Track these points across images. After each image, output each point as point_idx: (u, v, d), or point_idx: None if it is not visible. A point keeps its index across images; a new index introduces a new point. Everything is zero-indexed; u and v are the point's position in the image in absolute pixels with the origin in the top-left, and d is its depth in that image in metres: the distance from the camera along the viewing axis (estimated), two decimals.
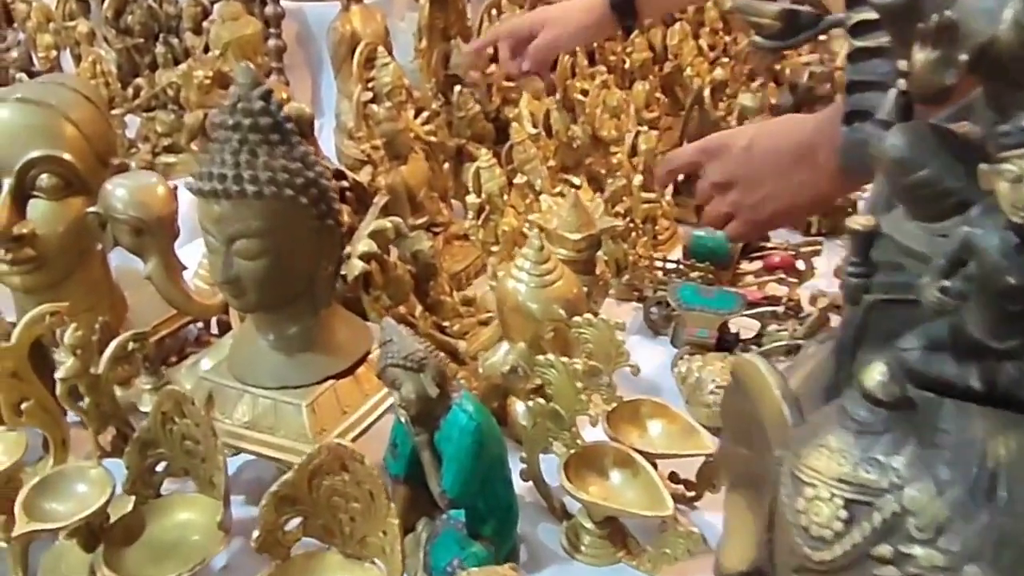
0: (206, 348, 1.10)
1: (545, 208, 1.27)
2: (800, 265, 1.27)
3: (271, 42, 1.75)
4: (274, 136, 0.84)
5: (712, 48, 2.05)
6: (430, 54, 1.91)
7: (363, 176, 1.47)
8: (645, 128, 1.61)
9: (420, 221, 1.37)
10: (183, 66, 1.34)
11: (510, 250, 1.32)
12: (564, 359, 0.88)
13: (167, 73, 1.83)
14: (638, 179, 1.44)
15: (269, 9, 1.74)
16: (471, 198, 1.29)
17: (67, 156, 1.02)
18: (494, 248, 1.31)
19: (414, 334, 0.80)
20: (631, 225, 1.42)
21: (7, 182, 1.01)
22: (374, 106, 1.51)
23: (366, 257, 1.06)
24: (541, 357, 0.90)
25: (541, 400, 0.89)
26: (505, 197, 1.31)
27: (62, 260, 1.06)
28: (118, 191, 0.99)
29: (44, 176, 1.02)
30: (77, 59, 2.27)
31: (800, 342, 1.07)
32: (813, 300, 1.13)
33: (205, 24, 1.90)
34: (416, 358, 0.76)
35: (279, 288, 0.88)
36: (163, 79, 1.82)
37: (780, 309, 1.17)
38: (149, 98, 1.84)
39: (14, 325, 0.93)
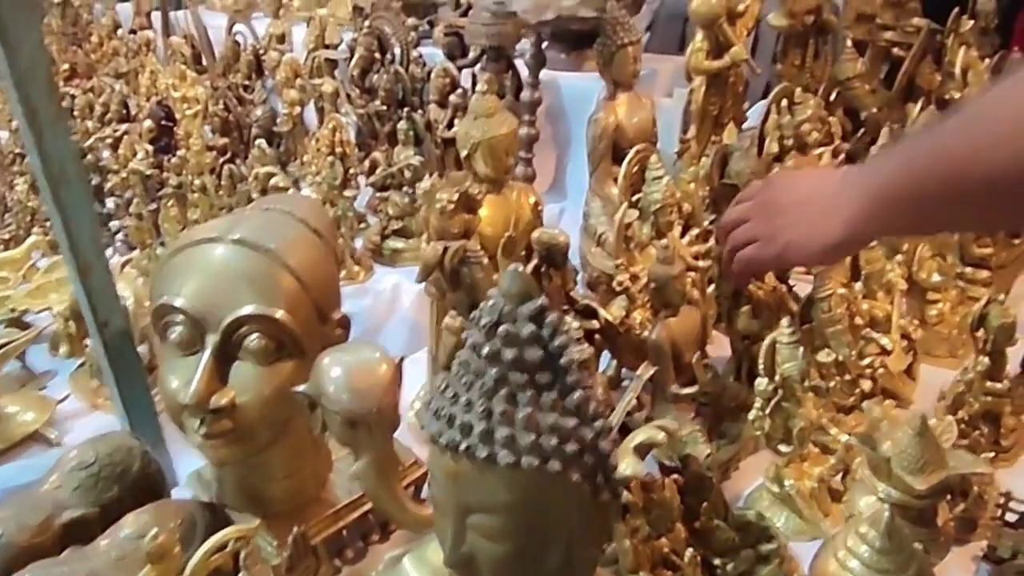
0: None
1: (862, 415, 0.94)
2: None
3: (523, 131, 1.54)
4: (543, 377, 0.59)
5: None
6: (700, 146, 1.64)
7: (616, 309, 1.22)
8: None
9: (687, 391, 1.08)
10: (427, 182, 1.14)
11: (802, 451, 1.01)
12: None
13: (406, 151, 1.67)
14: (984, 362, 1.08)
15: (526, 95, 1.53)
16: (761, 382, 0.99)
17: (281, 315, 0.83)
18: (782, 447, 1.00)
19: None
20: (963, 423, 1.06)
21: (211, 340, 0.83)
22: (642, 230, 1.25)
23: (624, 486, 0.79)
24: None
25: None
26: (806, 383, 1.00)
27: (264, 431, 0.87)
28: (333, 371, 0.78)
29: (253, 337, 0.83)
30: (320, 115, 2.21)
31: None
32: None
33: (452, 98, 1.74)
34: None
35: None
36: (401, 157, 1.67)
37: None
38: (385, 177, 1.68)
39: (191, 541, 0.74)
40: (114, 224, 1.93)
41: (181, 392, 0.83)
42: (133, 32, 2.97)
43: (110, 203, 2.02)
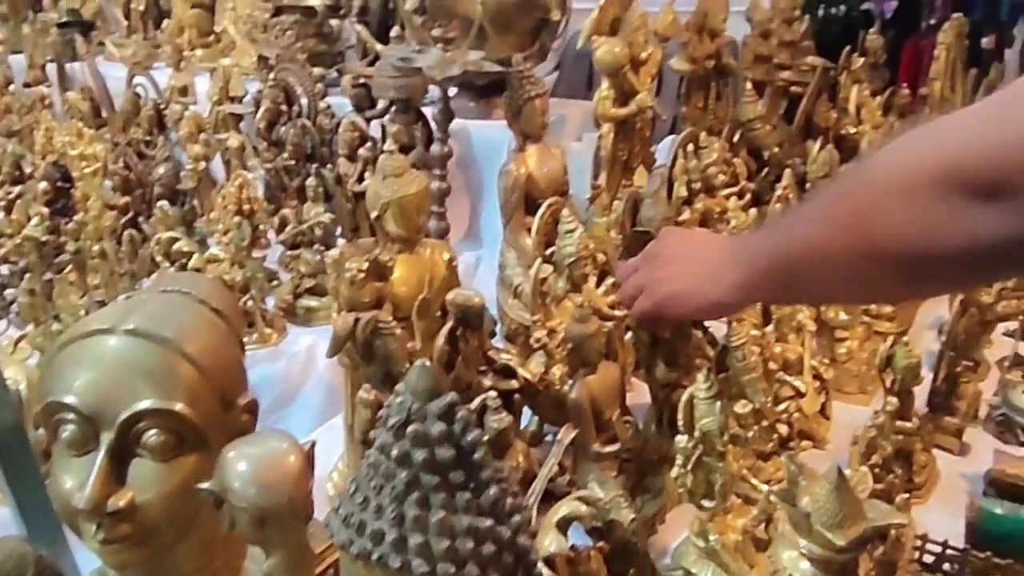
0: None
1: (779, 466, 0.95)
2: None
3: (435, 185, 1.53)
4: (456, 476, 0.57)
5: None
6: (612, 191, 1.66)
7: (534, 366, 1.21)
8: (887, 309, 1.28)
9: (609, 450, 1.07)
10: (334, 251, 1.11)
11: (725, 504, 1.01)
12: None
13: (316, 208, 1.64)
14: (893, 402, 1.11)
15: (435, 149, 1.52)
16: (681, 439, 0.99)
17: (180, 407, 0.79)
18: (706, 503, 1.00)
19: None
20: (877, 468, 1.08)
21: (106, 438, 0.78)
22: (557, 283, 1.25)
23: (549, 563, 0.78)
24: None
25: None
26: (725, 436, 1.00)
27: (168, 531, 0.82)
28: (238, 465, 0.74)
29: (152, 433, 0.79)
30: (228, 169, 2.15)
31: None
32: None
33: (361, 152, 1.71)
34: None
35: None
36: (311, 214, 1.63)
37: None
38: (295, 234, 1.64)
39: None
40: (9, 293, 1.83)
41: (75, 495, 0.78)
42: (27, 85, 2.86)
43: (4, 270, 1.91)
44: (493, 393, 0.95)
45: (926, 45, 3.35)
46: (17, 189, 2.07)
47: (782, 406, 1.15)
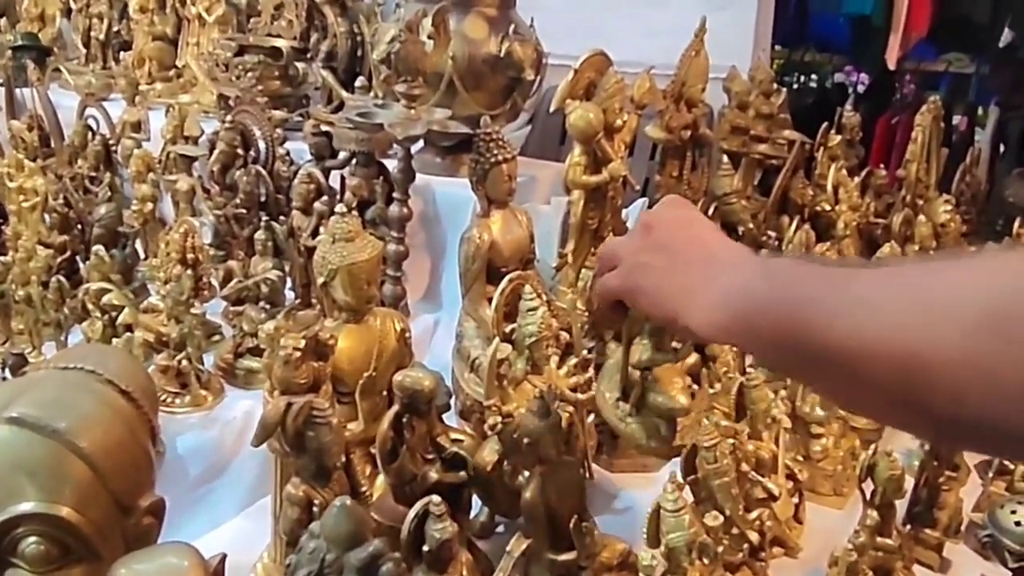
0: None
1: None
2: None
3: (392, 247, 1.43)
4: None
5: None
6: (579, 260, 1.57)
7: (488, 454, 1.11)
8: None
9: (565, 558, 0.97)
10: (269, 325, 1.01)
11: None
12: None
13: (264, 263, 1.53)
14: (873, 516, 1.02)
15: (395, 210, 1.43)
16: (645, 556, 0.89)
17: (67, 512, 0.68)
18: None
19: None
20: None
21: None
22: (516, 364, 1.15)
23: None
24: None
25: None
26: (693, 553, 0.91)
27: None
28: None
29: (31, 540, 0.67)
30: (177, 209, 2.04)
31: None
32: None
33: (317, 205, 1.61)
34: None
35: None
36: (258, 268, 1.52)
37: None
38: (240, 289, 1.53)
39: None
40: None
41: None
42: None
43: None
44: (437, 499, 0.84)
45: (898, 123, 3.39)
46: None
47: (754, 513, 1.06)
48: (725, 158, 1.73)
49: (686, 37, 1.84)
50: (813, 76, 4.21)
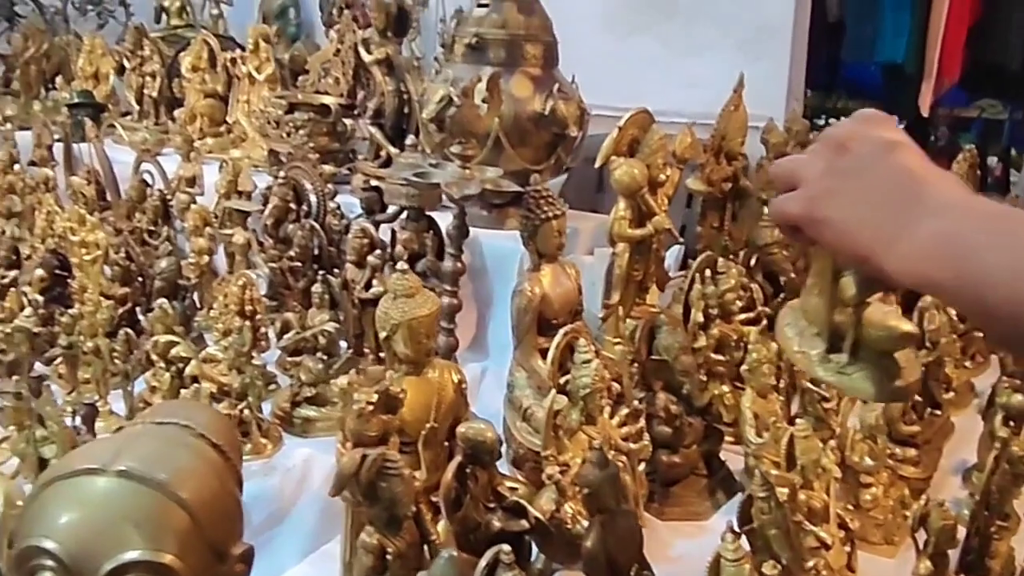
0: None
1: None
2: None
3: (445, 300, 1.49)
4: None
5: None
6: (625, 310, 1.62)
7: (545, 503, 1.14)
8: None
9: None
10: (343, 379, 1.06)
11: None
12: None
13: (321, 315, 1.59)
14: (926, 566, 1.04)
15: (448, 265, 1.48)
16: None
17: (170, 559, 0.72)
18: None
19: None
20: None
21: None
22: (571, 414, 1.19)
23: None
24: None
25: None
26: None
27: None
28: None
29: None
30: (230, 261, 2.12)
31: None
32: None
33: (370, 258, 1.67)
34: None
35: None
36: (316, 321, 1.58)
37: None
38: (297, 341, 1.59)
39: None
40: None
41: None
42: (33, 164, 2.84)
43: None
44: (507, 548, 0.88)
45: None
46: (12, 274, 2.03)
47: (810, 562, 1.08)
48: (766, 210, 1.77)
49: (721, 87, 1.90)
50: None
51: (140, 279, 2.04)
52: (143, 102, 3.07)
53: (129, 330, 1.63)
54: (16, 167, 2.70)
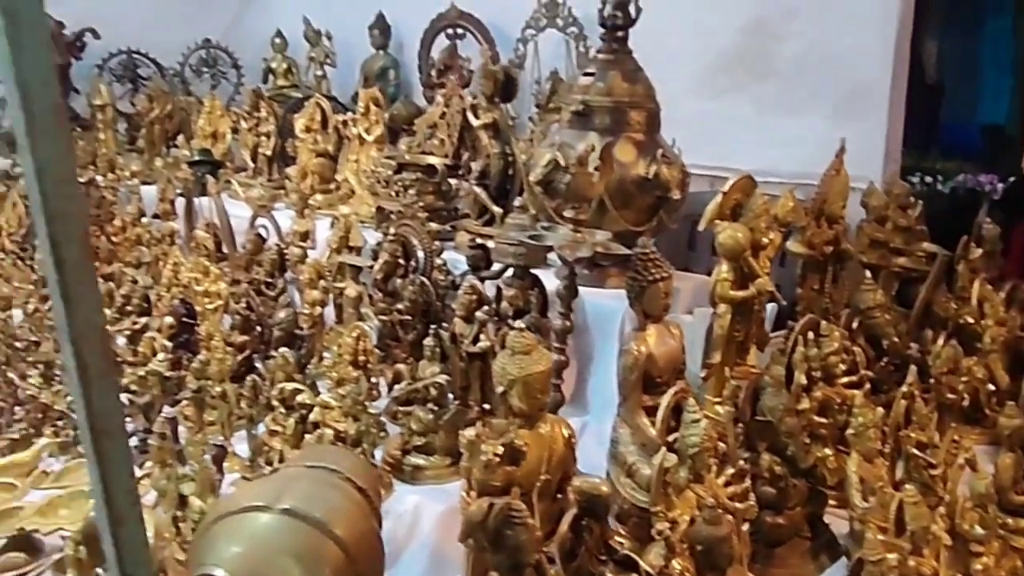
0: None
1: None
2: None
3: (553, 356, 1.55)
4: None
5: None
6: (726, 370, 1.65)
7: (654, 558, 1.17)
8: None
9: None
10: (470, 431, 1.13)
11: None
12: None
13: (431, 367, 1.67)
14: None
15: (557, 323, 1.55)
16: None
17: None
18: None
19: None
20: None
21: None
22: (679, 472, 1.23)
23: None
24: None
25: None
26: None
27: None
28: None
29: None
30: (338, 312, 2.23)
31: None
32: None
33: (478, 314, 1.75)
34: None
35: None
36: (427, 372, 1.66)
37: None
38: (409, 392, 1.67)
39: None
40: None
41: None
42: (156, 217, 3.05)
43: (123, 398, 1.99)
44: None
45: None
46: (143, 321, 2.18)
47: None
48: (868, 274, 1.79)
49: (815, 147, 1.93)
50: (939, 179, 4.19)
51: (258, 328, 2.17)
52: (257, 159, 3.26)
53: (256, 377, 1.74)
54: (143, 220, 2.91)
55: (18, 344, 2.18)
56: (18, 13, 0.69)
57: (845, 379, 1.59)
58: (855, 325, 1.75)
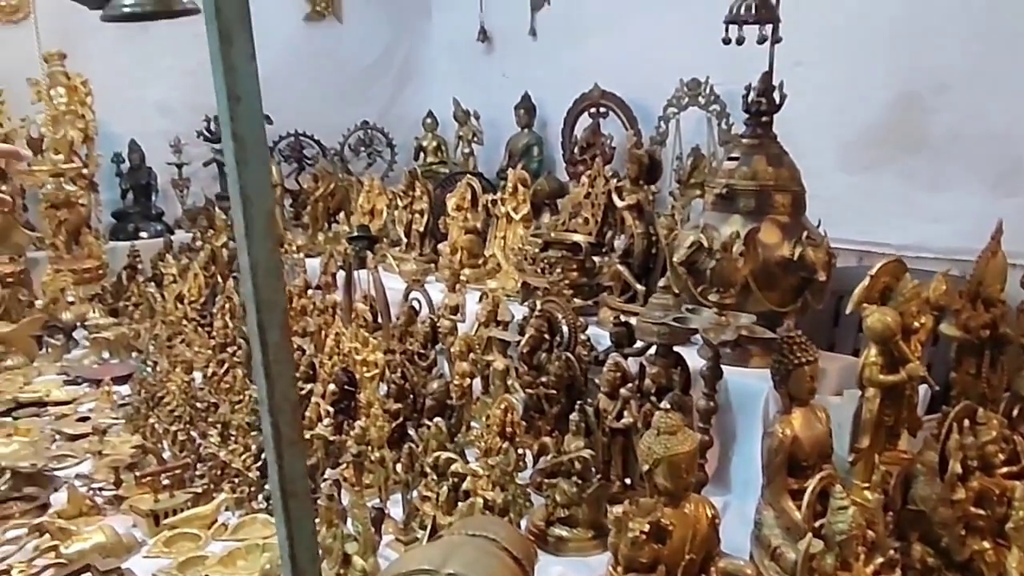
0: None
1: None
2: None
3: (697, 436, 1.58)
4: None
5: None
6: (876, 455, 1.62)
7: None
8: None
9: None
10: (618, 508, 1.18)
11: None
12: None
13: (576, 441, 1.73)
14: None
15: (701, 404, 1.59)
16: None
17: None
18: None
19: None
20: None
21: None
22: (825, 558, 1.23)
23: None
24: None
25: None
26: None
27: None
28: None
29: None
30: (484, 383, 2.34)
31: None
32: None
33: (622, 391, 1.80)
34: None
35: None
36: (572, 447, 1.73)
37: None
38: (554, 464, 1.74)
39: None
40: None
41: None
42: (319, 288, 3.28)
43: None
44: None
45: None
46: (309, 387, 2.36)
47: None
48: None
49: (968, 222, 1.87)
50: None
51: (411, 396, 2.30)
52: (411, 235, 3.47)
53: (412, 444, 1.85)
54: (309, 292, 3.14)
55: (199, 404, 2.40)
56: (245, 137, 0.82)
57: (1005, 469, 1.53)
58: (1016, 413, 1.69)
